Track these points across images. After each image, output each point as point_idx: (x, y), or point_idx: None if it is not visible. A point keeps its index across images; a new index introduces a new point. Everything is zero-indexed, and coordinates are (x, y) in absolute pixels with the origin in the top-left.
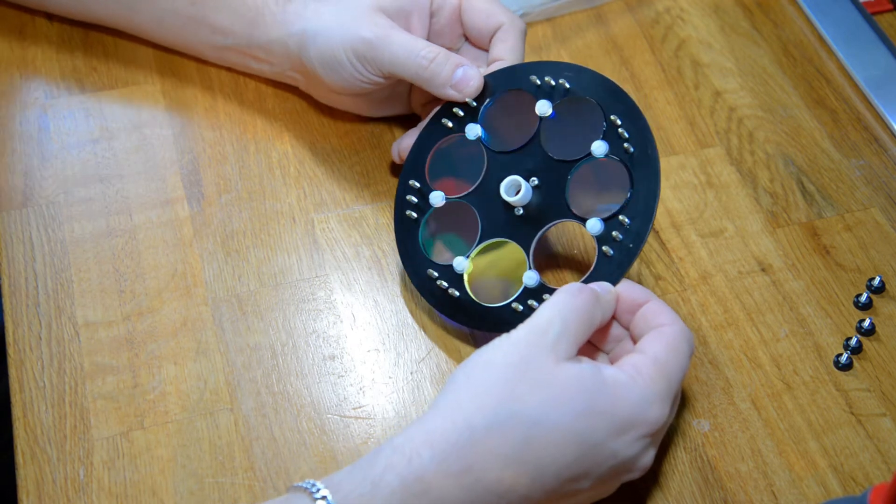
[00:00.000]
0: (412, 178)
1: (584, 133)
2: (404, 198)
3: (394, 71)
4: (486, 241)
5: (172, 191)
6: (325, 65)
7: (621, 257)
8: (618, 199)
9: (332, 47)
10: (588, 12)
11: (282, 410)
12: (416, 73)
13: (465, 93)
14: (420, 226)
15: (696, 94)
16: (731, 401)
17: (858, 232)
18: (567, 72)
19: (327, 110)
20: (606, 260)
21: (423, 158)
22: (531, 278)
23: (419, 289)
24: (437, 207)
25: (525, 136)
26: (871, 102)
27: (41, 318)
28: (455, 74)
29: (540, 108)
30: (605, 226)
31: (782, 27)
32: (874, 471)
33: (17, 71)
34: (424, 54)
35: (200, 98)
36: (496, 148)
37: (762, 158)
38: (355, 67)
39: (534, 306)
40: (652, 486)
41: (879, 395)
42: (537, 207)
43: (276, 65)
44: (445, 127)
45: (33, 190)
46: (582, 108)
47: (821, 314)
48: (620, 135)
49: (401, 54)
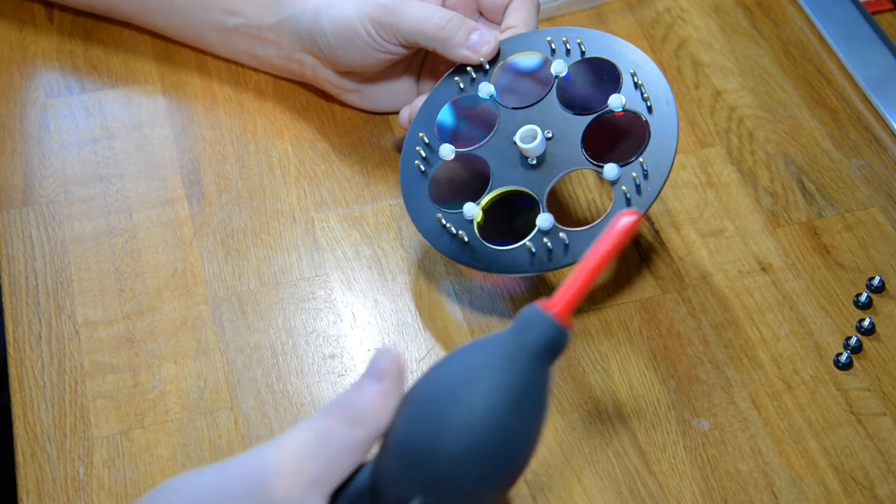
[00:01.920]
0: (421, 131)
1: (599, 89)
2: (413, 149)
3: (410, 35)
4: (497, 189)
5: (172, 190)
6: (339, 35)
7: (639, 200)
8: (633, 150)
9: (348, 16)
10: (588, 12)
11: (282, 409)
12: (433, 34)
13: (480, 53)
14: (428, 177)
15: (696, 94)
16: (731, 400)
17: (858, 232)
18: (583, 35)
19: (328, 109)
20: (624, 203)
21: (433, 115)
22: (546, 220)
23: (427, 236)
24: (446, 160)
25: (539, 95)
26: (871, 102)
27: (41, 316)
28: (471, 37)
29: (556, 67)
30: (622, 171)
31: (782, 27)
32: (874, 470)
33: (17, 70)
34: (440, 16)
35: (200, 97)
36: (509, 105)
37: (762, 158)
38: (370, 35)
39: (549, 245)
40: (652, 486)
41: (879, 395)
42: (552, 157)
43: (284, 46)
44: (458, 85)
45: (33, 189)
46: (598, 67)
47: (821, 314)
48: (638, 85)
49: (417, 17)
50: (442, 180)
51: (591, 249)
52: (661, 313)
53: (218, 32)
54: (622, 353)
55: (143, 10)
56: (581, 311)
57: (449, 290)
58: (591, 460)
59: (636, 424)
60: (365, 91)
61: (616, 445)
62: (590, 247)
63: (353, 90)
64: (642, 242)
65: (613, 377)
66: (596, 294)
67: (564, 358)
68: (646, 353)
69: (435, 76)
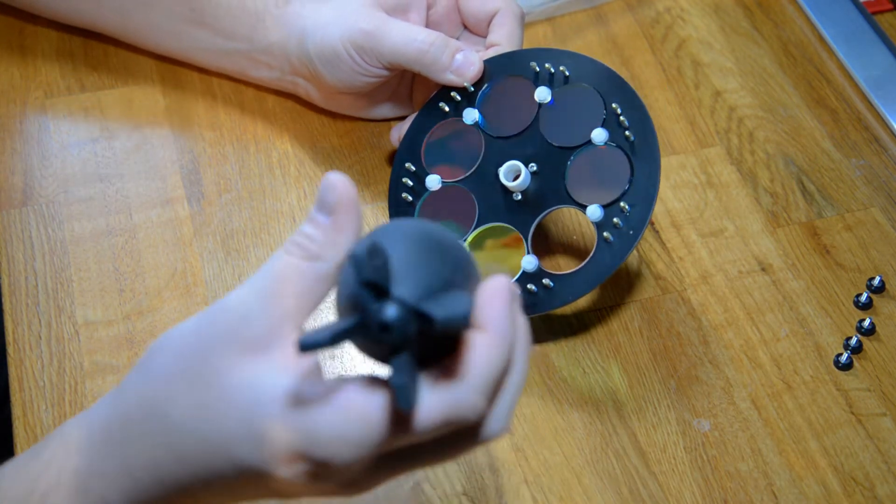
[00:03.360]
0: (408, 160)
1: (583, 120)
2: (399, 181)
3: (393, 59)
4: (483, 226)
5: (172, 190)
6: (324, 60)
7: (621, 244)
8: (617, 186)
9: (331, 41)
10: (588, 12)
11: None
12: (415, 58)
13: (465, 77)
14: (416, 209)
15: (696, 94)
16: (731, 400)
17: (858, 232)
18: (567, 59)
19: (328, 110)
20: (606, 246)
21: (419, 142)
22: (530, 263)
23: None
24: (433, 191)
25: (523, 123)
26: (871, 102)
27: (41, 317)
28: (455, 59)
29: (539, 95)
30: (605, 212)
31: (782, 27)
32: (874, 470)
33: (17, 70)
34: (422, 39)
35: (201, 97)
36: (494, 133)
37: (762, 158)
38: (354, 60)
39: (532, 290)
40: (652, 486)
41: (879, 395)
42: (536, 193)
43: (275, 69)
44: (442, 111)
45: (33, 189)
46: (581, 96)
47: (821, 314)
48: (621, 122)
49: (399, 41)
50: (428, 214)
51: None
52: (661, 313)
53: (209, 55)
54: (622, 354)
55: (129, 32)
56: (581, 311)
57: None
58: (591, 460)
59: (636, 424)
60: (360, 102)
61: (616, 445)
62: (575, 290)
63: (349, 108)
64: (642, 242)
65: (613, 377)
66: (596, 294)
67: (565, 358)
68: (646, 353)
69: (429, 87)
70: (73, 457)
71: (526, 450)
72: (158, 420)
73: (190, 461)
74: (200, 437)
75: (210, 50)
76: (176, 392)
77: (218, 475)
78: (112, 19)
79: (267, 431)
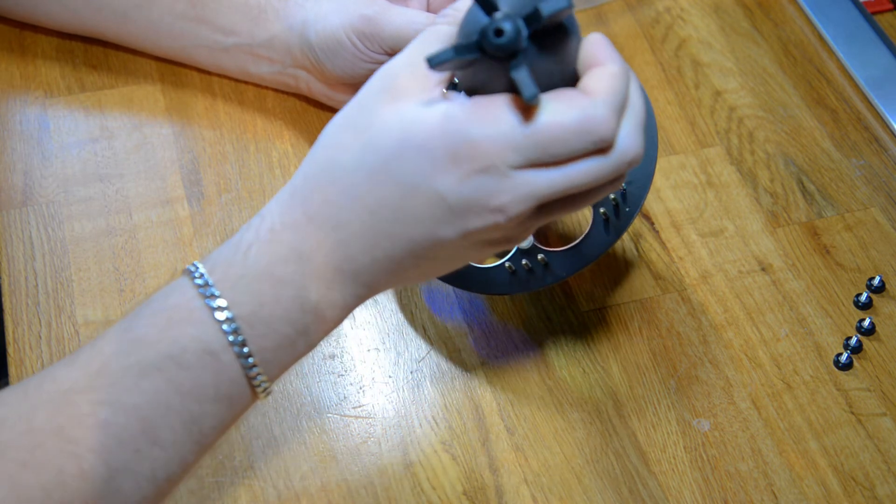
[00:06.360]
0: None
1: None
2: None
3: (395, 44)
4: None
5: (172, 190)
6: (326, 49)
7: (617, 221)
8: None
9: (333, 29)
10: (588, 12)
11: (282, 410)
12: None
13: None
14: None
15: (696, 94)
16: (731, 400)
17: (858, 232)
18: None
19: (327, 109)
20: (603, 223)
21: None
22: (525, 240)
23: None
24: None
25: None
26: (871, 102)
27: (41, 316)
28: None
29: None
30: None
31: (782, 27)
32: (874, 470)
33: (17, 70)
34: (424, 22)
35: (200, 97)
36: None
37: (762, 158)
38: (356, 46)
39: (528, 266)
40: (652, 486)
41: (879, 395)
42: None
43: (276, 62)
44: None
45: (33, 189)
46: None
47: (821, 314)
48: None
49: (400, 25)
50: None
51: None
52: (661, 313)
53: (209, 52)
54: (622, 354)
55: (128, 33)
56: (581, 311)
57: (448, 290)
58: (591, 460)
59: (636, 424)
60: None
61: (616, 445)
62: (569, 266)
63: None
64: (642, 242)
65: (613, 377)
66: (596, 294)
67: (564, 358)
68: (646, 353)
69: None
70: (266, 219)
71: (526, 450)
72: (330, 168)
73: (359, 195)
74: (368, 171)
75: (210, 47)
76: (341, 140)
77: (389, 207)
78: (112, 23)
79: (425, 143)
